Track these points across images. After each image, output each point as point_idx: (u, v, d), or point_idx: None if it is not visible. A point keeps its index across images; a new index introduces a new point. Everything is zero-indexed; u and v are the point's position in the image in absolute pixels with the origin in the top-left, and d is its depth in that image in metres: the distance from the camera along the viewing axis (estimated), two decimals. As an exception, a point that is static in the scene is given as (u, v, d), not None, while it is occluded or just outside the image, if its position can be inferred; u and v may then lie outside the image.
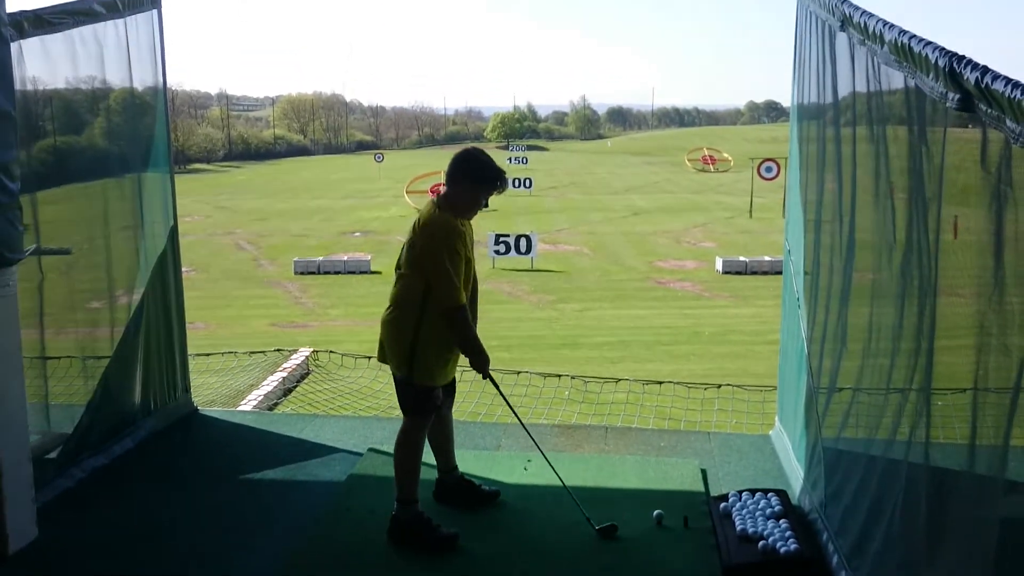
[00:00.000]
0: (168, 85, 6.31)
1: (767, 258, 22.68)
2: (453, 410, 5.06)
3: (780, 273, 23.23)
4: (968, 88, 2.75)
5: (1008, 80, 2.49)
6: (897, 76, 3.63)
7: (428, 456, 4.82)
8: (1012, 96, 2.42)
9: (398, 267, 4.60)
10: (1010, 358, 2.62)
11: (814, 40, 5.28)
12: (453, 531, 4.59)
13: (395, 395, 4.70)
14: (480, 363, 4.58)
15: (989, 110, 2.64)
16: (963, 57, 2.84)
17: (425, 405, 4.58)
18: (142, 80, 6.01)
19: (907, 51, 3.35)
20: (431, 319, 4.44)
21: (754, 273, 21.91)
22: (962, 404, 3.22)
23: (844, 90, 4.68)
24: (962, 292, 3.19)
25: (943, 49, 3.02)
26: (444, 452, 5.02)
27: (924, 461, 3.47)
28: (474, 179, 4.52)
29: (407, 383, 4.54)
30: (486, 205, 4.65)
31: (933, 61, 3.03)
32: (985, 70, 2.64)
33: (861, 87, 4.29)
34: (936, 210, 3.29)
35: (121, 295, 5.85)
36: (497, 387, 4.86)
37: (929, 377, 3.39)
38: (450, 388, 4.86)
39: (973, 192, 3.02)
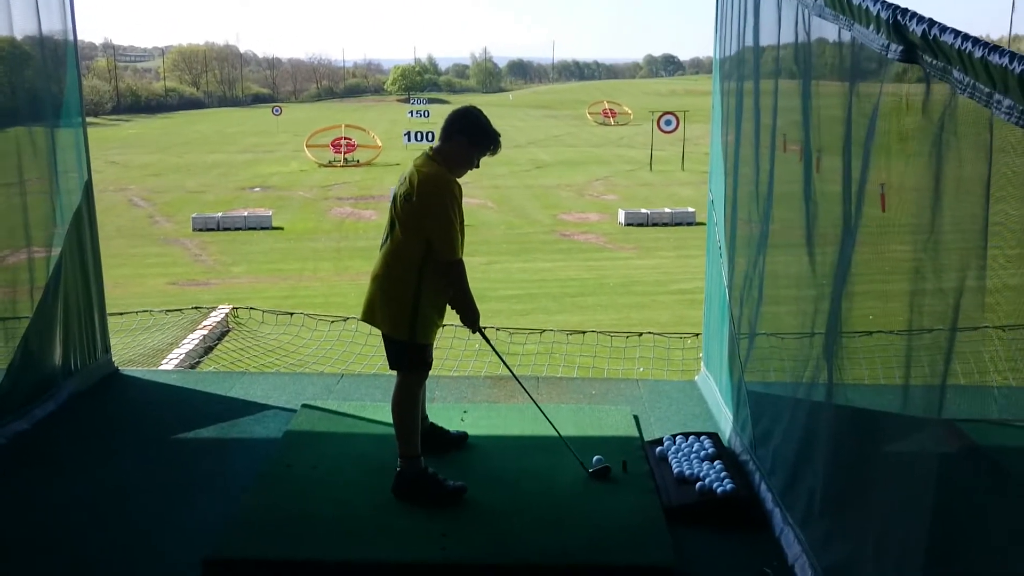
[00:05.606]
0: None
1: (667, 210, 23.17)
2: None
3: (680, 224, 23.57)
4: (913, 40, 2.84)
5: (956, 32, 2.59)
6: (830, 28, 3.72)
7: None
8: (962, 48, 2.50)
9: (392, 223, 4.48)
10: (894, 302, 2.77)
11: (737, -7, 5.37)
12: (460, 483, 4.56)
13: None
14: (472, 318, 4.56)
15: (934, 61, 2.74)
16: (907, 10, 2.93)
17: (423, 361, 4.55)
18: (51, 29, 5.71)
19: (844, 4, 3.44)
20: (430, 277, 4.38)
21: (655, 225, 22.40)
22: (880, 346, 3.40)
23: (767, 43, 4.77)
24: (874, 240, 3.35)
25: (884, 2, 3.12)
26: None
27: (845, 402, 3.64)
28: (470, 137, 4.49)
29: (404, 343, 4.47)
30: (477, 165, 4.59)
31: (875, 13, 3.12)
32: (932, 23, 2.72)
33: (787, 39, 4.37)
34: (863, 160, 3.41)
35: (38, 252, 5.60)
36: (489, 342, 4.85)
37: (836, 322, 3.57)
38: None
39: (910, 142, 3.16)
